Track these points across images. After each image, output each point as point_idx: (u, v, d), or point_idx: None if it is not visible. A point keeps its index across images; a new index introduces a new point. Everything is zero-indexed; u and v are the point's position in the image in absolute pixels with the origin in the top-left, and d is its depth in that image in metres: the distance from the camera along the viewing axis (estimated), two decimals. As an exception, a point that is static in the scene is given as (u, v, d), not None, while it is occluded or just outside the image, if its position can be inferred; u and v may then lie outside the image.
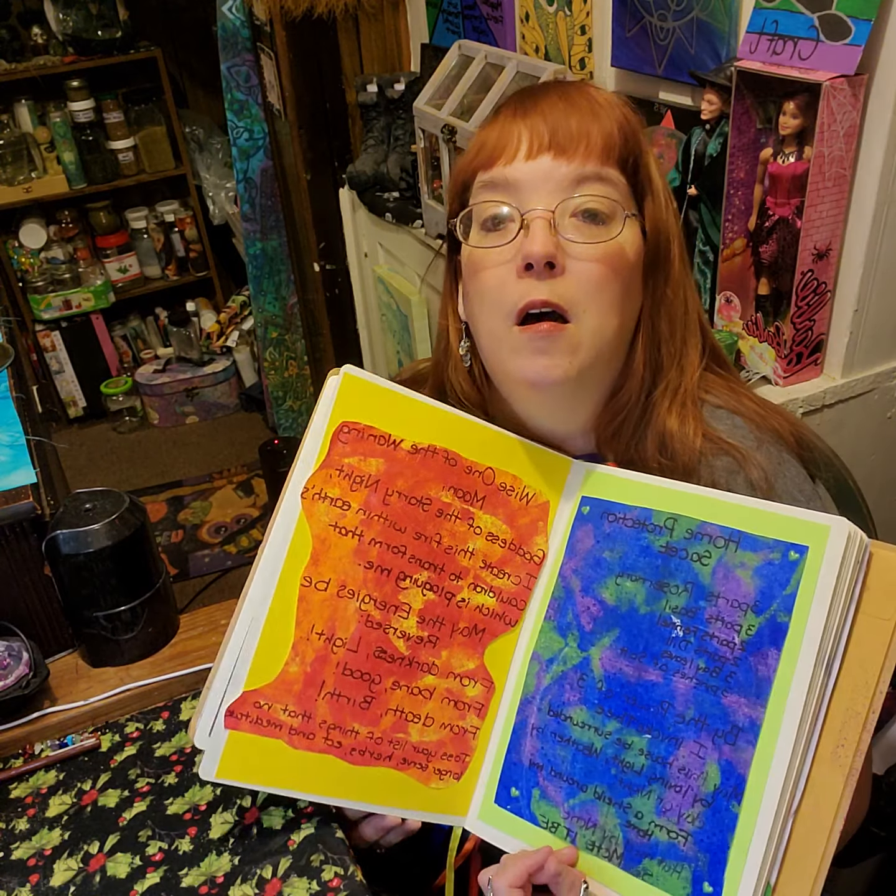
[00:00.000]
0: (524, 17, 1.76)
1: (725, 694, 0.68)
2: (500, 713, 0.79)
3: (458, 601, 0.79)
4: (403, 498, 0.79)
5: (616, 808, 0.71)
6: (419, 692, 0.79)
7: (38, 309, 3.29)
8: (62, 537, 0.95)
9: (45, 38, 3.11)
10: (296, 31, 2.17)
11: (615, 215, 0.74)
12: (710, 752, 0.68)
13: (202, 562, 2.75)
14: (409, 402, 0.80)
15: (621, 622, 0.74)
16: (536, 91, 0.77)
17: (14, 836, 0.85)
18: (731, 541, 0.71)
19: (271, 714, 0.76)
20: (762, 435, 0.81)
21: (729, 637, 0.69)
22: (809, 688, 0.65)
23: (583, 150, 0.72)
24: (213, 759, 0.75)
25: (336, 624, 0.77)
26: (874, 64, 1.12)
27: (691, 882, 0.67)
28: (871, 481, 1.35)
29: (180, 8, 3.34)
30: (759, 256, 1.30)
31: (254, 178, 2.64)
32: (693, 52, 1.36)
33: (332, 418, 0.78)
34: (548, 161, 0.72)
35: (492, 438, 0.81)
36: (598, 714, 0.74)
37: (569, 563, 0.79)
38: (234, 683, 0.75)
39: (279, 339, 2.93)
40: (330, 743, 0.77)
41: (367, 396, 0.79)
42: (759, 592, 0.69)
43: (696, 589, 0.72)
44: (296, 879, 0.78)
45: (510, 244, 0.73)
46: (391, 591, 0.78)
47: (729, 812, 0.66)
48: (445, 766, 0.79)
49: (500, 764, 0.78)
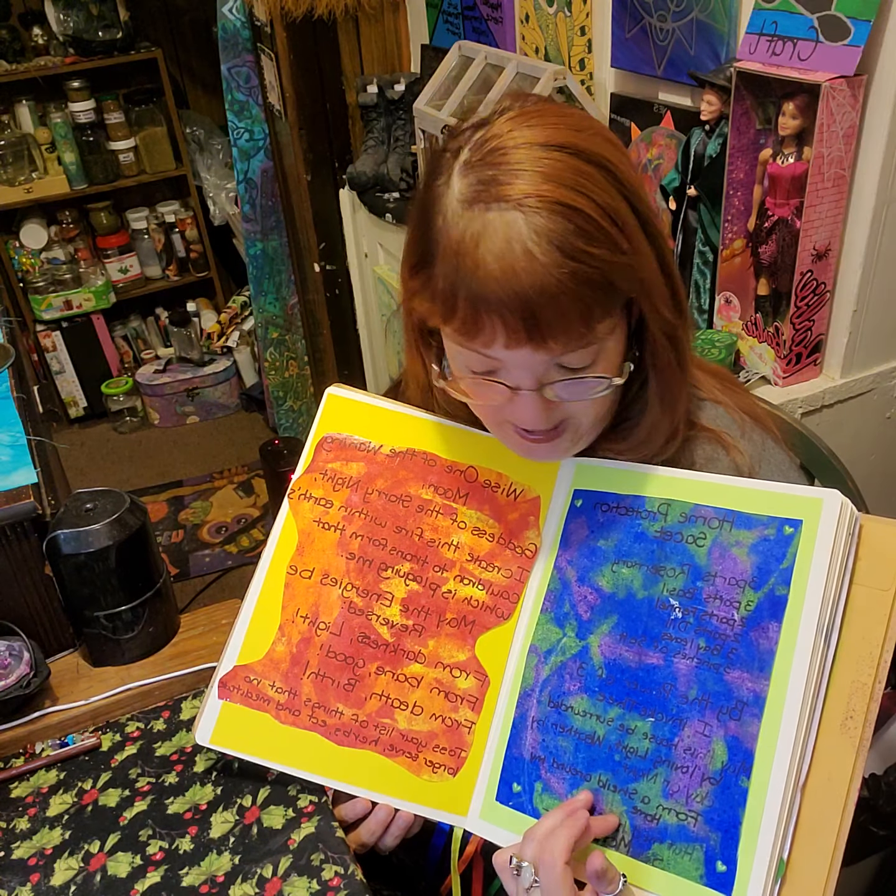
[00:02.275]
0: (524, 17, 1.76)
1: (728, 670, 0.69)
2: (499, 709, 0.79)
3: (443, 592, 0.82)
4: (383, 496, 0.85)
5: (621, 794, 0.71)
6: (405, 679, 0.81)
7: (39, 309, 3.29)
8: (63, 537, 0.96)
9: (45, 38, 3.11)
10: (296, 31, 2.17)
11: (600, 364, 0.71)
12: (715, 729, 0.68)
13: (203, 561, 2.75)
14: (388, 412, 0.87)
15: (619, 608, 0.75)
16: (496, 247, 0.64)
17: (15, 835, 0.85)
18: (726, 521, 0.72)
19: (260, 689, 0.83)
20: (745, 424, 0.83)
21: (728, 614, 0.70)
22: (811, 657, 0.66)
23: (562, 342, 0.67)
24: (207, 727, 0.83)
25: (320, 609, 0.84)
26: (873, 64, 1.12)
27: (704, 862, 0.67)
28: (871, 481, 1.35)
29: (181, 9, 3.35)
30: (759, 257, 1.30)
31: (254, 179, 2.64)
32: (693, 52, 1.36)
33: (317, 432, 0.88)
34: (528, 352, 0.68)
35: (474, 440, 0.84)
36: (600, 701, 0.74)
37: (564, 555, 0.80)
38: (229, 658, 0.84)
39: (280, 340, 2.93)
40: (315, 721, 0.82)
41: (348, 411, 0.88)
42: (755, 568, 0.70)
43: (692, 570, 0.72)
44: (296, 879, 0.78)
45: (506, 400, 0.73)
46: (373, 580, 0.84)
47: (738, 787, 0.66)
48: (438, 758, 0.80)
49: (501, 760, 0.78)
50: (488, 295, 0.65)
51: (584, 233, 0.64)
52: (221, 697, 0.83)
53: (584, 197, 0.65)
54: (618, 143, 0.72)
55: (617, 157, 0.69)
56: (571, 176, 0.65)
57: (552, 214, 0.64)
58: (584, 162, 0.66)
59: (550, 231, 0.64)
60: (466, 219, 0.66)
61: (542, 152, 0.65)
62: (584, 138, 0.67)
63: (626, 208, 0.68)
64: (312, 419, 0.88)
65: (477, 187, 0.66)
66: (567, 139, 0.66)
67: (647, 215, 0.71)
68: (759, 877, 0.64)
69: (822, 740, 0.65)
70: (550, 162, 0.65)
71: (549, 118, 0.68)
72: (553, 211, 0.64)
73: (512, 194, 0.64)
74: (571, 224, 0.64)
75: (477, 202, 0.66)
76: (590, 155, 0.66)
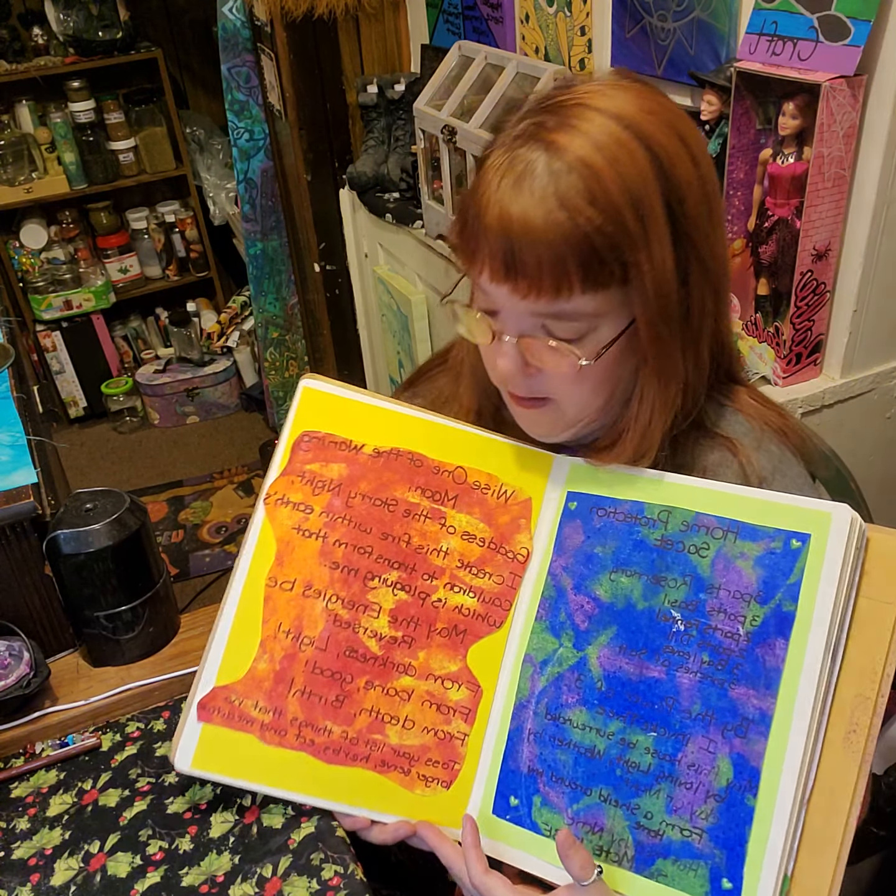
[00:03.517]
0: (524, 17, 1.76)
1: (733, 686, 0.67)
2: (493, 719, 0.77)
3: (433, 601, 0.79)
4: (367, 500, 0.80)
5: (623, 809, 0.69)
6: (395, 693, 0.78)
7: (39, 309, 3.29)
8: (63, 537, 0.96)
9: (45, 38, 3.11)
10: (296, 31, 2.17)
11: (578, 342, 0.71)
12: (720, 746, 0.67)
13: (203, 561, 2.75)
14: (369, 408, 0.82)
15: (618, 619, 0.73)
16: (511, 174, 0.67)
17: (15, 835, 0.85)
18: (730, 531, 0.70)
19: (242, 709, 0.78)
20: (764, 434, 0.81)
21: (733, 629, 0.68)
22: (819, 676, 0.64)
23: (535, 292, 0.68)
24: (187, 751, 0.78)
25: (303, 623, 0.79)
26: (873, 64, 1.12)
27: (709, 879, 0.66)
28: (871, 481, 1.35)
29: (181, 9, 3.35)
30: (759, 257, 1.30)
31: (254, 179, 2.64)
32: (693, 52, 1.36)
33: (292, 429, 0.81)
34: (506, 292, 0.69)
35: (462, 438, 0.82)
36: (600, 714, 0.72)
37: (558, 561, 0.77)
38: (206, 679, 0.79)
39: (280, 340, 2.93)
40: (302, 740, 0.78)
41: (326, 406, 0.82)
42: (761, 582, 0.68)
43: (695, 581, 0.70)
44: (296, 878, 0.78)
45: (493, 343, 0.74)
46: (359, 590, 0.79)
47: (744, 805, 0.65)
48: (431, 772, 0.77)
49: (496, 772, 0.76)
50: (488, 221, 0.68)
51: (591, 195, 0.65)
52: (201, 720, 0.78)
53: (613, 170, 0.65)
54: (692, 146, 0.71)
55: (678, 156, 0.69)
56: (614, 149, 0.66)
57: (572, 170, 0.65)
58: (638, 144, 0.67)
59: (561, 181, 0.65)
60: (505, 151, 0.69)
61: (601, 118, 0.67)
62: (653, 123, 0.68)
63: (659, 202, 0.67)
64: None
65: (527, 127, 0.68)
66: (635, 117, 0.67)
67: (684, 220, 0.69)
68: (765, 894, 0.63)
69: (825, 755, 0.65)
70: (602, 129, 0.66)
71: (632, 93, 0.69)
72: (574, 167, 0.65)
73: (550, 139, 0.66)
74: (583, 184, 0.65)
75: (520, 138, 0.68)
76: (648, 140, 0.67)
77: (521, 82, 1.65)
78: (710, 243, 0.72)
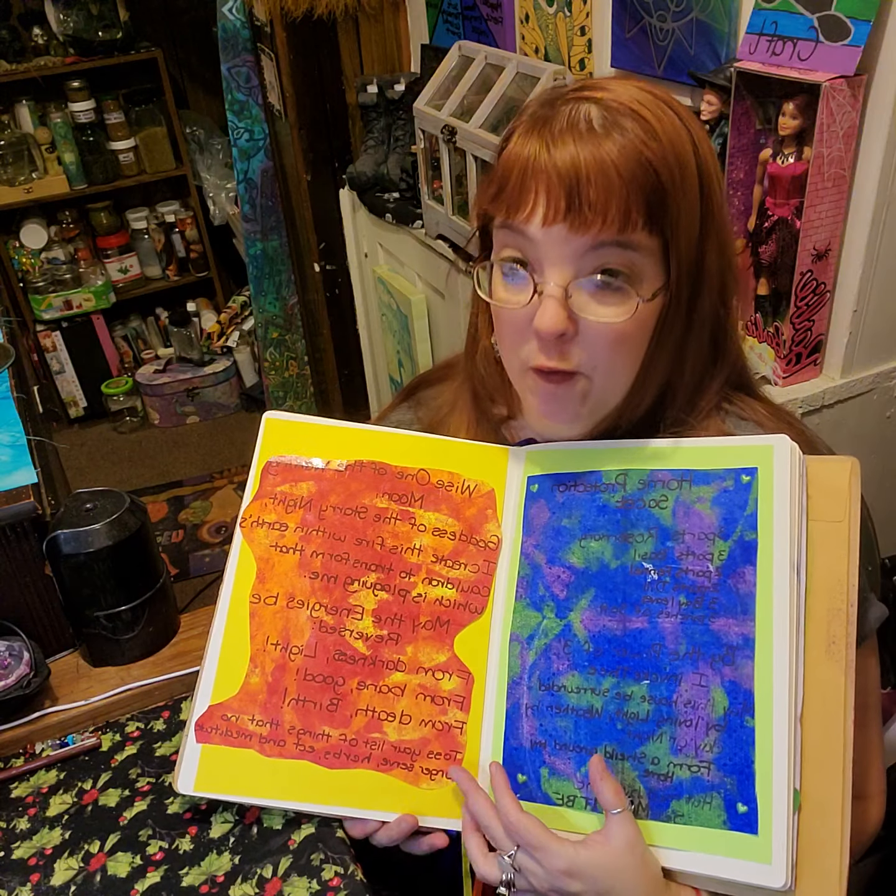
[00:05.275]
0: (524, 17, 1.76)
1: (713, 620, 0.70)
2: (488, 703, 0.79)
3: (413, 597, 0.81)
4: (339, 511, 0.84)
5: (631, 761, 0.71)
6: (388, 690, 0.80)
7: (39, 309, 3.30)
8: (63, 537, 0.96)
9: (45, 38, 3.11)
10: (296, 31, 2.17)
11: (634, 279, 0.70)
12: (711, 678, 0.69)
13: (202, 561, 2.75)
14: (329, 429, 0.87)
15: (595, 581, 0.76)
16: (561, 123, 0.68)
17: (15, 835, 0.85)
18: (684, 480, 0.74)
19: (240, 725, 0.80)
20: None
21: (703, 567, 0.72)
22: (790, 591, 0.68)
23: (599, 223, 0.67)
24: (189, 774, 0.79)
25: (290, 633, 0.81)
26: (873, 64, 1.12)
27: (724, 808, 0.67)
28: (871, 481, 1.36)
29: (181, 9, 3.35)
30: (759, 257, 1.30)
31: (254, 179, 2.64)
32: (692, 52, 1.36)
33: (259, 458, 0.86)
34: (563, 231, 0.68)
35: (420, 444, 0.85)
36: (592, 675, 0.74)
37: (528, 541, 0.80)
38: (202, 700, 0.80)
39: (279, 340, 2.93)
40: (302, 748, 0.79)
41: (289, 433, 0.86)
42: (721, 520, 0.72)
43: (660, 532, 0.74)
44: (296, 879, 0.78)
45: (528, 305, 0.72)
46: (340, 595, 0.82)
47: (745, 728, 0.67)
48: (434, 764, 0.78)
49: (500, 754, 0.77)
50: (541, 162, 0.67)
51: (650, 133, 0.67)
52: (200, 741, 0.79)
53: (660, 124, 0.68)
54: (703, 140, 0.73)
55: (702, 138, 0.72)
56: (655, 109, 0.69)
57: (624, 115, 0.68)
58: (673, 114, 0.70)
59: (619, 119, 0.67)
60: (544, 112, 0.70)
61: (633, 88, 0.70)
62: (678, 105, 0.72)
63: (694, 169, 0.70)
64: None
65: (562, 91, 0.71)
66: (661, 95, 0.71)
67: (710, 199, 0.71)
68: (780, 810, 0.65)
69: (812, 670, 0.68)
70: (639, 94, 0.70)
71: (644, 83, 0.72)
72: (626, 114, 0.68)
73: (596, 95, 0.69)
74: (639, 126, 0.67)
75: (557, 99, 0.70)
76: (679, 112, 0.71)
77: (521, 82, 1.65)
78: (724, 236, 0.74)
